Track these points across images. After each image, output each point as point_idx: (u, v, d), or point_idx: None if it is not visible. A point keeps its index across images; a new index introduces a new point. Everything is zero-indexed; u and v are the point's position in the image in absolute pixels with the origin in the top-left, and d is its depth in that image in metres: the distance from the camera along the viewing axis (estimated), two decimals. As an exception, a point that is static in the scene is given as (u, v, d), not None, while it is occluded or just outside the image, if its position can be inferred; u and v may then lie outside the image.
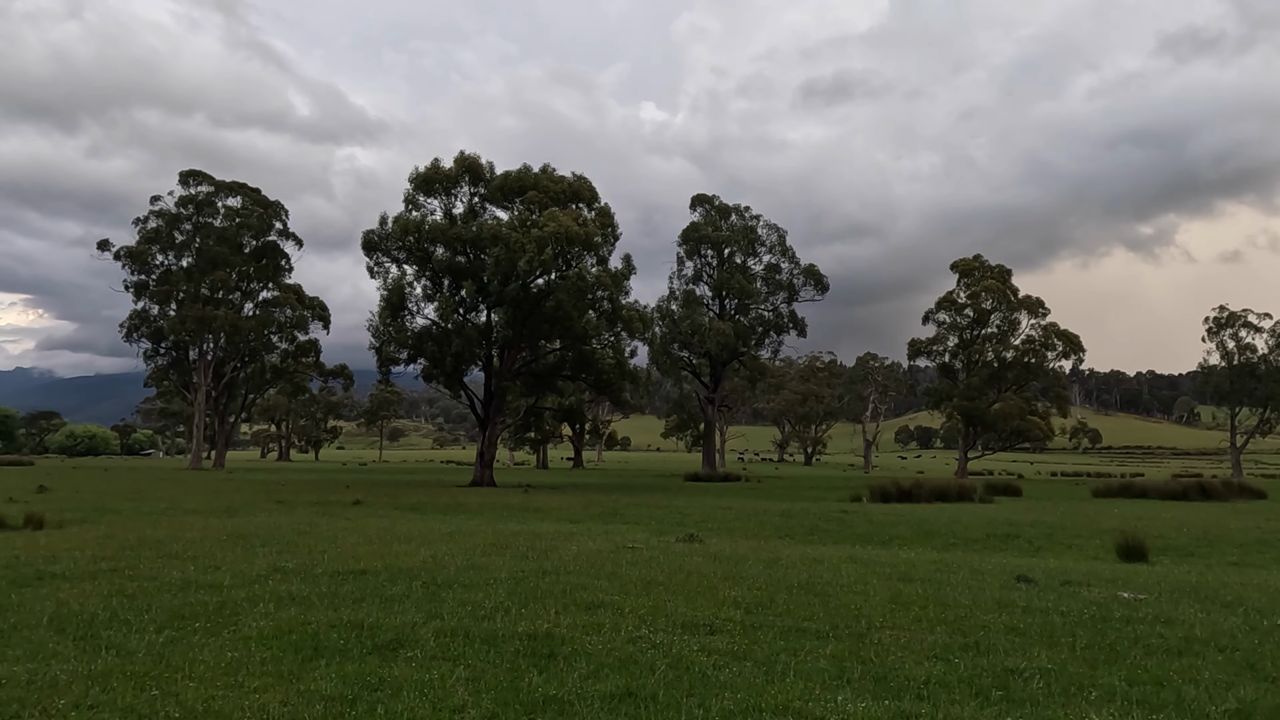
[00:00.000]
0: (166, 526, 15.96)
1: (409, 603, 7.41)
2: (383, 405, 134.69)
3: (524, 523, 19.58)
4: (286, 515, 20.29)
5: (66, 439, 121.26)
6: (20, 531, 16.36)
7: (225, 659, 5.33)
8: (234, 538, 13.71)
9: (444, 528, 16.80)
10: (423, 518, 20.68)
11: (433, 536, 14.58)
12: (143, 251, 62.39)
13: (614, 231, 38.43)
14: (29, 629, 6.38)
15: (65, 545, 12.24)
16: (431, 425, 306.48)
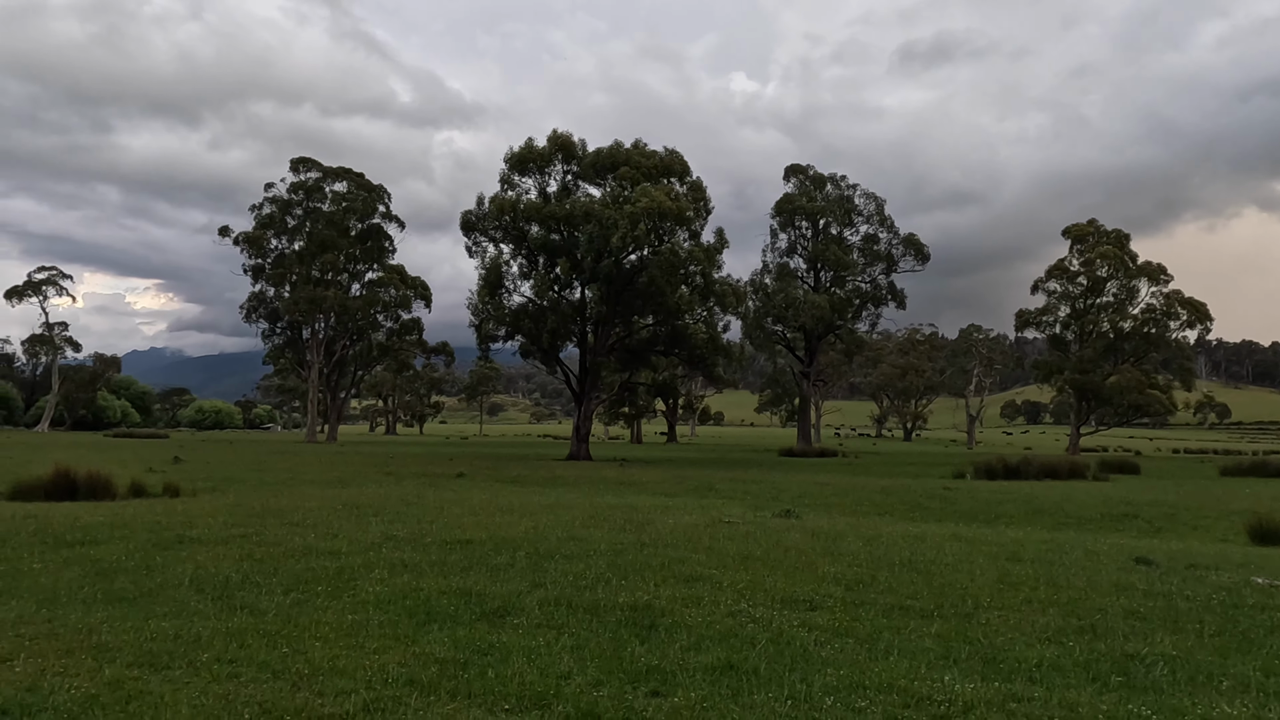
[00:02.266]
0: (287, 496, 16.93)
1: (514, 572, 7.66)
2: (482, 381, 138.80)
3: (620, 496, 19.86)
4: (395, 487, 21.22)
5: (195, 414, 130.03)
6: (160, 499, 17.70)
7: (346, 621, 5.65)
8: (348, 507, 14.46)
9: (543, 500, 17.24)
10: (523, 490, 21.26)
11: (533, 508, 14.99)
12: (259, 236, 65.92)
13: (706, 205, 38.13)
14: (173, 588, 6.93)
15: (199, 512, 13.18)
16: (528, 400, 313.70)
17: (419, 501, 15.82)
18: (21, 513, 13.16)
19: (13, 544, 9.74)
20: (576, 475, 27.40)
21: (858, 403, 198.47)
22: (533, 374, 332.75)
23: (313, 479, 24.30)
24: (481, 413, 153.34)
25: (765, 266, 62.99)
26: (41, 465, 27.39)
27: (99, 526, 11.11)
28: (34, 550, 9.35)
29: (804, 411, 64.30)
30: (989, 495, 21.13)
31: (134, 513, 13.03)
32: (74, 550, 9.28)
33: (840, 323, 61.70)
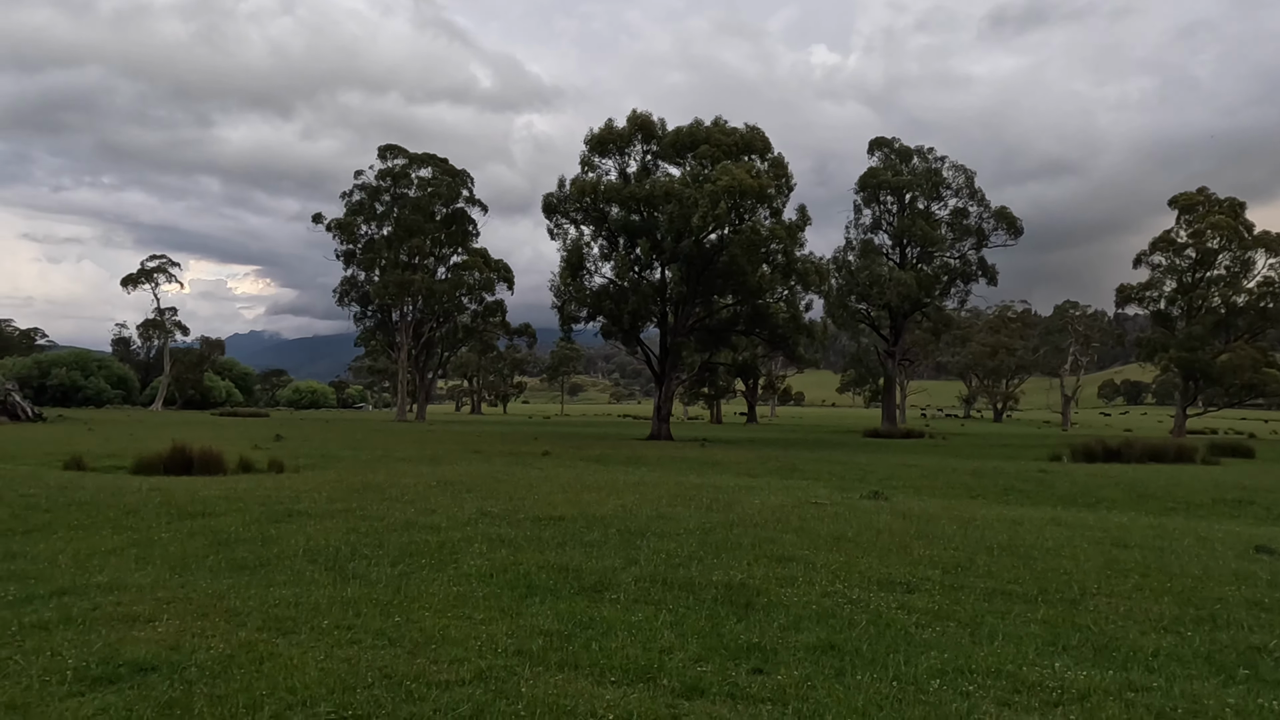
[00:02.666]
0: (384, 473, 17.59)
1: (607, 549, 7.80)
2: (563, 362, 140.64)
3: (703, 476, 19.90)
4: (484, 465, 21.81)
5: (293, 393, 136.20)
6: (266, 475, 18.68)
7: (452, 593, 5.87)
8: (442, 484, 14.96)
9: (628, 479, 17.44)
10: (607, 469, 21.52)
11: (619, 487, 15.20)
12: (349, 223, 68.25)
13: (788, 182, 37.51)
14: (288, 559, 7.33)
15: (304, 487, 13.86)
16: (608, 380, 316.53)
17: (509, 479, 16.23)
18: (146, 486, 14.11)
19: (142, 514, 10.47)
20: (658, 455, 27.57)
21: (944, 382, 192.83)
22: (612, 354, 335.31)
23: (406, 456, 25.16)
24: (563, 393, 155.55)
25: (848, 243, 61.61)
26: (158, 442, 29.23)
27: (215, 500, 11.82)
28: (161, 521, 10.03)
29: (889, 392, 62.88)
30: (1088, 479, 20.29)
31: (245, 487, 13.81)
32: (196, 521, 9.92)
33: (927, 300, 59.93)
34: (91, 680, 4.00)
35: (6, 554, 7.96)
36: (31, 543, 8.71)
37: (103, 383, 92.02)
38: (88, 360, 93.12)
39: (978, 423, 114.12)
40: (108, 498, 12.13)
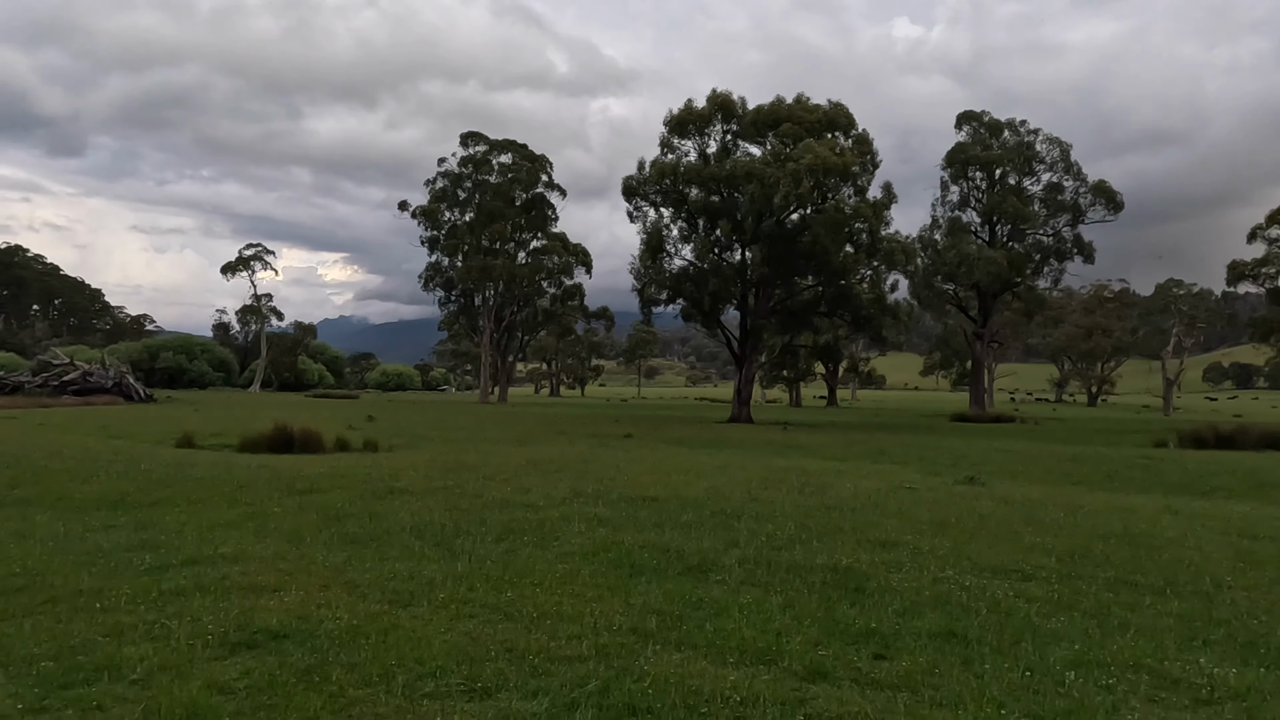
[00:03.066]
0: (474, 453, 17.99)
1: (704, 530, 7.77)
2: (640, 345, 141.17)
3: (789, 459, 19.66)
4: (570, 446, 22.05)
5: (380, 376, 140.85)
6: (363, 454, 19.36)
7: (558, 570, 5.94)
8: (532, 464, 15.21)
9: (713, 461, 17.36)
10: (690, 451, 21.48)
11: (705, 469, 15.15)
12: (433, 210, 69.79)
13: (873, 159, 36.49)
14: (396, 534, 7.56)
15: (401, 466, 14.29)
16: (684, 363, 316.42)
17: (596, 460, 16.38)
18: (255, 463, 14.81)
19: (254, 490, 10.99)
20: (741, 438, 27.40)
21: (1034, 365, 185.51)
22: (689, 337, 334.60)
23: (493, 437, 25.64)
24: (639, 376, 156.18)
25: (934, 221, 59.59)
26: (259, 422, 30.61)
27: (320, 477, 12.30)
28: (272, 496, 10.49)
29: (977, 375, 60.83)
30: (1199, 466, 19.20)
31: (346, 465, 14.34)
32: (305, 497, 10.34)
33: (1018, 280, 57.61)
34: (232, 645, 4.19)
35: (138, 525, 8.45)
36: (158, 514, 9.24)
37: (205, 366, 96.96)
38: (192, 345, 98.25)
39: (1070, 407, 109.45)
40: (220, 474, 12.77)
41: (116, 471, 12.85)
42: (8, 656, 4.06)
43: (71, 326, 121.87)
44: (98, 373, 55.47)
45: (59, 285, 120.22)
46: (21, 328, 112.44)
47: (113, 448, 18.22)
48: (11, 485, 11.58)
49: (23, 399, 46.58)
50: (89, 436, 22.62)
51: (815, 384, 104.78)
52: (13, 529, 8.28)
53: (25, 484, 11.61)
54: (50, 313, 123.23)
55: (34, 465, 13.37)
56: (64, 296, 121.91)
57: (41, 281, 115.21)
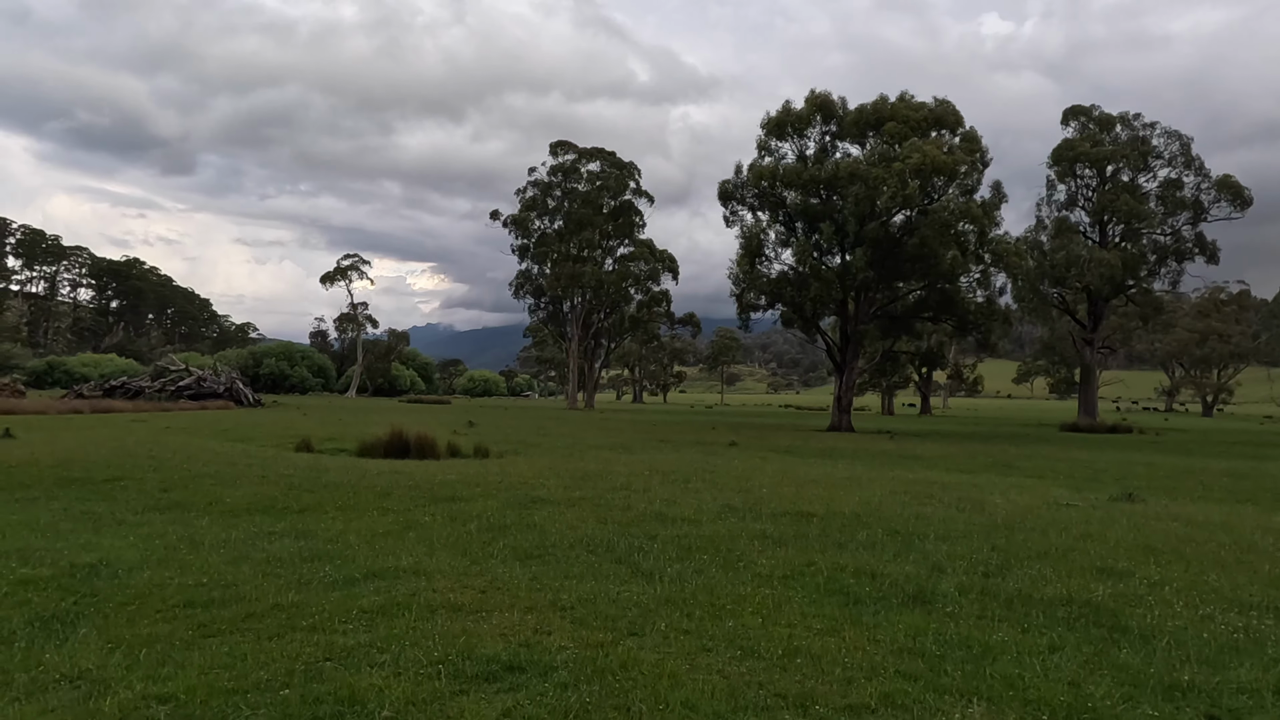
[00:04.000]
0: (590, 461, 17.72)
1: (888, 550, 7.20)
2: (723, 351, 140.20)
3: (914, 470, 18.76)
4: (679, 454, 21.64)
5: (468, 382, 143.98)
6: (478, 460, 19.35)
7: (764, 596, 5.48)
8: (656, 473, 14.84)
9: (839, 473, 16.65)
10: (803, 461, 20.75)
11: (835, 481, 14.48)
12: (523, 218, 70.80)
13: (982, 158, 34.96)
14: (565, 549, 7.24)
15: (527, 474, 14.10)
16: (764, 370, 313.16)
17: (718, 469, 15.91)
18: (383, 468, 14.89)
19: (395, 497, 10.93)
20: (851, 447, 26.47)
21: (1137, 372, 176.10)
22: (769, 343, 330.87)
23: (597, 444, 25.42)
24: (722, 383, 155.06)
25: (1039, 222, 57.04)
26: (365, 426, 31.31)
27: (455, 484, 12.21)
28: (416, 504, 10.39)
29: (1087, 382, 57.79)
30: (1381, 484, 17.40)
31: (474, 472, 14.24)
32: (451, 505, 10.20)
33: (1132, 282, 54.56)
34: (470, 677, 3.89)
35: (299, 532, 8.41)
36: (312, 521, 9.21)
37: (305, 372, 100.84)
38: (293, 352, 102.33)
39: (1183, 417, 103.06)
40: (355, 479, 12.82)
41: (256, 476, 13.07)
42: (244, 681, 3.85)
43: (182, 334, 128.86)
44: (210, 378, 58.17)
45: (172, 295, 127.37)
46: (138, 335, 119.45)
47: (241, 451, 18.71)
48: (163, 488, 11.85)
49: (144, 403, 49.13)
50: (212, 440, 23.37)
51: (902, 391, 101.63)
52: (181, 535, 8.35)
53: (176, 488, 11.86)
54: (164, 321, 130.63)
55: (177, 468, 13.72)
56: (176, 306, 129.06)
57: (157, 292, 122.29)
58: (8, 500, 10.69)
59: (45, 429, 24.03)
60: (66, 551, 7.35)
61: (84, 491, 11.54)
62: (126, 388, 55.10)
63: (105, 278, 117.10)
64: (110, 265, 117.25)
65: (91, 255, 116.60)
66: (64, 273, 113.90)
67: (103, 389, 54.20)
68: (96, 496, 11.15)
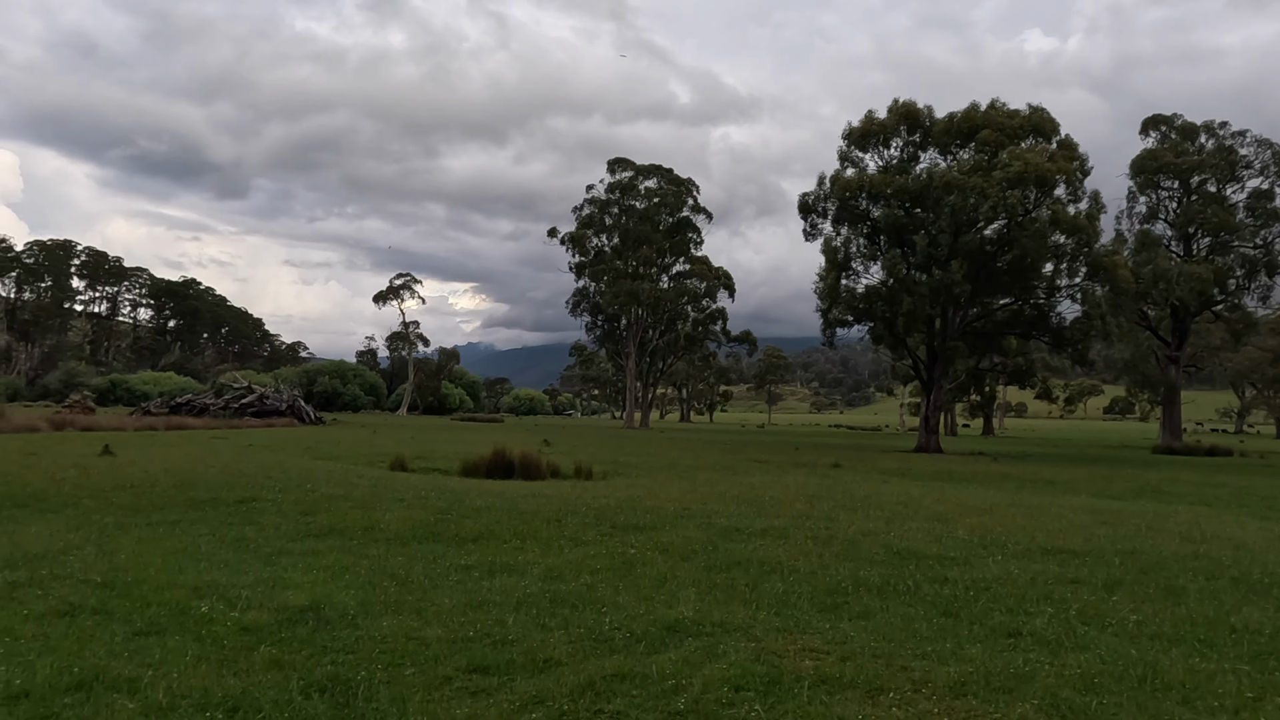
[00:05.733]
0: (714, 483, 16.52)
1: (1191, 597, 5.91)
2: (770, 370, 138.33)
3: (1064, 496, 17.28)
4: (791, 476, 20.33)
5: (513, 400, 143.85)
6: (585, 482, 18.24)
7: (1226, 675, 4.25)
8: (802, 497, 13.62)
9: (998, 499, 15.27)
10: (932, 485, 19.32)
11: (1013, 509, 13.14)
12: (581, 236, 70.26)
13: (1082, 166, 33.37)
14: (855, 592, 6.08)
15: (674, 496, 12.96)
16: (807, 389, 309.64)
17: (866, 494, 14.64)
18: (513, 490, 13.86)
19: (570, 524, 9.85)
20: (966, 470, 24.92)
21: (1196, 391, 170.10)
22: (810, 362, 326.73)
23: (694, 465, 24.18)
24: (768, 402, 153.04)
25: (1119, 235, 54.90)
26: (444, 445, 30.51)
27: (613, 509, 11.09)
28: (601, 532, 9.27)
29: (1171, 403, 55.25)
30: None
31: (611, 494, 13.08)
32: (640, 534, 9.09)
33: (1221, 297, 52.20)
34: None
35: (505, 567, 7.36)
36: (504, 553, 8.15)
37: (357, 390, 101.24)
38: (345, 370, 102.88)
39: (1257, 439, 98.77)
40: (499, 503, 11.80)
41: (388, 498, 12.14)
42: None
43: (236, 353, 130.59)
44: (272, 396, 58.20)
45: (226, 315, 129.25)
46: (194, 354, 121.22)
47: (343, 470, 17.88)
48: (303, 512, 10.95)
49: (210, 420, 49.06)
50: (302, 458, 22.62)
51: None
52: (369, 568, 7.36)
53: (317, 511, 10.95)
54: (218, 340, 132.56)
55: (300, 489, 12.84)
56: (230, 325, 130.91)
57: (212, 312, 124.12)
58: (147, 524, 9.84)
59: (136, 445, 23.53)
60: (260, 590, 6.37)
61: (221, 514, 10.68)
62: (192, 405, 55.23)
63: (163, 298, 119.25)
64: (169, 285, 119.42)
65: (151, 276, 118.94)
66: (125, 293, 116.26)
67: (169, 406, 54.41)
68: (237, 520, 10.27)
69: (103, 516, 10.25)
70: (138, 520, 10.12)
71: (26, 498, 11.44)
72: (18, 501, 11.19)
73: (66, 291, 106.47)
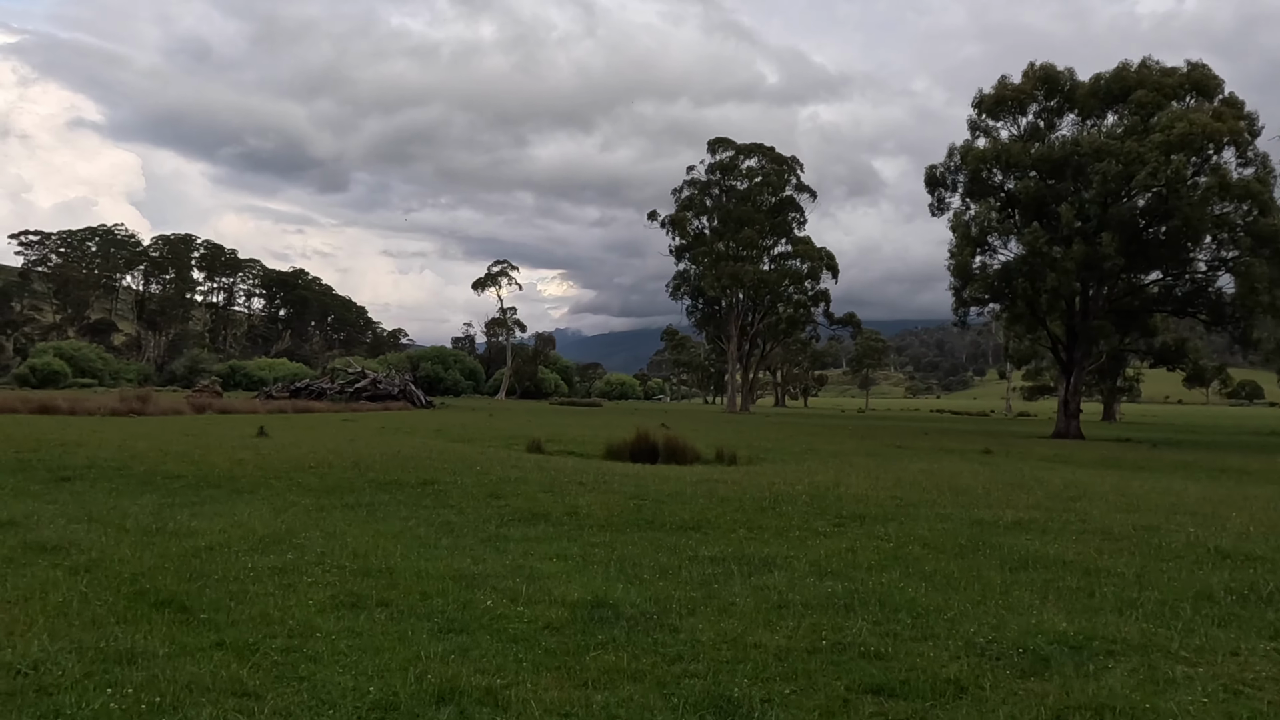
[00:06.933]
0: (892, 471, 15.52)
1: None
2: (868, 354, 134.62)
3: (1256, 486, 15.54)
4: (946, 462, 19.14)
5: (605, 385, 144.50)
6: (734, 468, 17.47)
7: None
8: (1010, 486, 12.55)
9: (1206, 491, 13.77)
10: (1117, 474, 17.73)
11: (1244, 502, 11.73)
12: (681, 218, 69.38)
13: (1251, 126, 30.43)
14: (1169, 604, 5.10)
15: (861, 486, 12.09)
16: (901, 374, 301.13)
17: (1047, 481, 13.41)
18: (685, 475, 13.23)
19: (789, 512, 9.11)
20: (1134, 458, 23.03)
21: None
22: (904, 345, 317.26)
23: (831, 450, 23.09)
24: (866, 387, 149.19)
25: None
26: (563, 428, 30.28)
27: (807, 497, 10.33)
28: (830, 523, 8.53)
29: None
30: None
31: (782, 480, 12.27)
32: (876, 525, 8.29)
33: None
34: None
35: (744, 559, 6.64)
36: (736, 543, 7.46)
37: (458, 375, 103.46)
38: (446, 356, 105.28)
39: None
40: (694, 490, 11.14)
41: (571, 482, 11.69)
42: None
43: (341, 340, 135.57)
44: (385, 380, 59.74)
45: (332, 303, 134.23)
46: (303, 341, 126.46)
47: (485, 453, 17.65)
48: (491, 494, 10.57)
49: (330, 404, 50.56)
50: (438, 440, 22.67)
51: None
52: (614, 556, 6.78)
53: (505, 495, 10.54)
54: (324, 328, 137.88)
55: (469, 472, 12.52)
56: (336, 313, 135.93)
57: (320, 301, 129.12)
58: (345, 505, 9.59)
59: (282, 428, 24.06)
60: (519, 580, 5.85)
61: (409, 496, 10.40)
62: (310, 389, 57.13)
63: (274, 287, 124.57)
64: (279, 276, 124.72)
65: (263, 267, 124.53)
66: (239, 284, 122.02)
67: (289, 390, 56.46)
68: (430, 502, 9.96)
69: (299, 498, 10.09)
70: (333, 502, 9.91)
71: (218, 479, 11.45)
72: (211, 482, 11.20)
73: (188, 283, 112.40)
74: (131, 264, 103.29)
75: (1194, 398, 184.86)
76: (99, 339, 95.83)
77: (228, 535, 6.99)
